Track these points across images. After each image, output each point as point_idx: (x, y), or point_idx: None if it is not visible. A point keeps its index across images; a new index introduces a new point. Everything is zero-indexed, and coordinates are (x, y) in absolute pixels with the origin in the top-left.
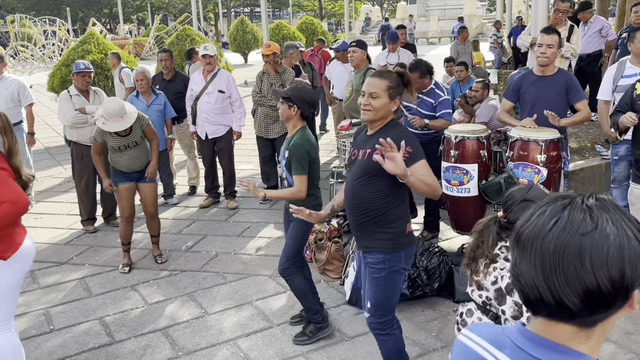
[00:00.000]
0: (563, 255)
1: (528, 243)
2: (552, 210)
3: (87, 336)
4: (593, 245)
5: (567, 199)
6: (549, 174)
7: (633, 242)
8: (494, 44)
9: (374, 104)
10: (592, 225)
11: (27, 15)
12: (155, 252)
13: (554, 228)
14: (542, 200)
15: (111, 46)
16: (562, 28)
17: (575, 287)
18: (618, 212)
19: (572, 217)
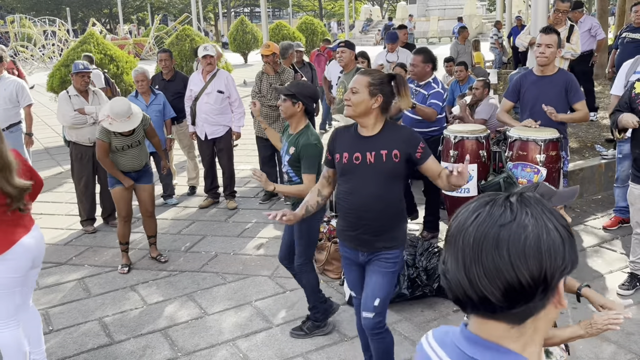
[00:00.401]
0: (482, 246)
1: (452, 238)
2: (475, 206)
3: (86, 337)
4: (511, 235)
5: (492, 197)
6: (548, 173)
7: (553, 234)
8: (494, 44)
9: (353, 99)
10: (510, 217)
11: (27, 16)
12: (154, 253)
13: (475, 221)
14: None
15: (111, 46)
16: (562, 28)
17: (494, 278)
18: (540, 206)
19: (492, 211)
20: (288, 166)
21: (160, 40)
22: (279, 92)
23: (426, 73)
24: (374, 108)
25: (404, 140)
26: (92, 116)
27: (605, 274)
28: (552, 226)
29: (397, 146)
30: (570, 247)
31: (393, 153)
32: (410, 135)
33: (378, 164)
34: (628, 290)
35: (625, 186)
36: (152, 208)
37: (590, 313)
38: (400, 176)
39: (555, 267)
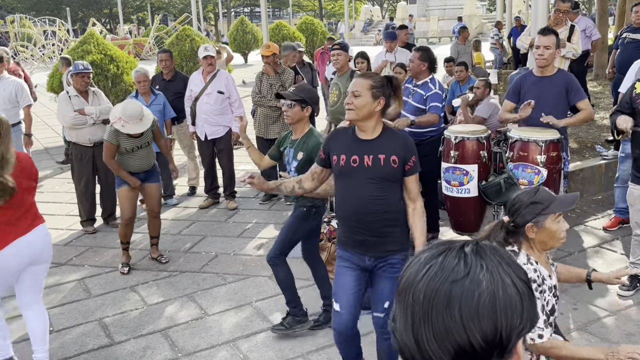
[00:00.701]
0: (432, 304)
1: (402, 293)
2: (428, 257)
3: (86, 337)
4: (463, 293)
5: (446, 245)
6: (549, 174)
7: (510, 290)
8: (495, 44)
9: (355, 103)
10: (464, 271)
11: (27, 16)
12: (155, 253)
13: (425, 275)
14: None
15: (111, 46)
16: (562, 28)
17: (443, 340)
18: (497, 257)
19: (445, 264)
20: (295, 172)
21: (160, 40)
22: (288, 98)
23: (421, 71)
24: (377, 111)
25: (402, 146)
26: (92, 117)
27: None
28: (509, 281)
29: (396, 152)
30: (529, 303)
31: (391, 158)
32: (409, 143)
33: (376, 168)
34: (628, 291)
35: (625, 186)
36: (158, 208)
37: (591, 314)
38: (397, 181)
39: (511, 327)
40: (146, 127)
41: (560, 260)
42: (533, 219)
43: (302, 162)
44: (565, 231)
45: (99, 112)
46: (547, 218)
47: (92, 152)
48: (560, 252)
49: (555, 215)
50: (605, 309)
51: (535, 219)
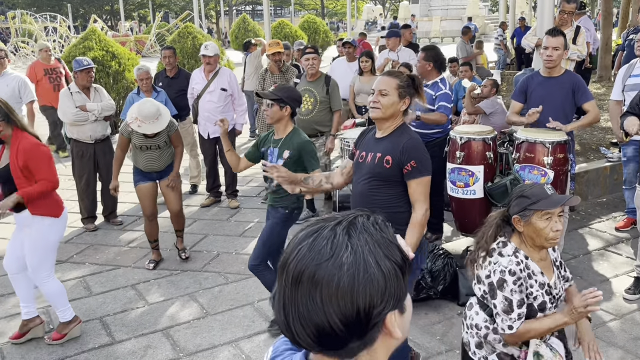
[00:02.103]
0: (298, 287)
1: (279, 271)
2: (302, 237)
3: (87, 336)
4: (325, 276)
5: (320, 224)
6: (555, 176)
7: (372, 270)
8: (499, 44)
9: (382, 102)
10: (329, 252)
11: (28, 12)
12: (179, 245)
13: (296, 256)
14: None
15: (112, 43)
16: (568, 29)
17: (307, 323)
18: (366, 236)
19: (314, 245)
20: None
21: (162, 37)
22: (265, 97)
23: (426, 71)
24: (402, 110)
25: (401, 148)
26: (94, 113)
27: (610, 278)
28: (372, 261)
29: (392, 153)
30: (395, 282)
31: (385, 158)
32: (410, 146)
33: (371, 165)
34: (634, 294)
35: (632, 188)
36: (177, 206)
37: (596, 318)
38: (390, 181)
39: (371, 306)
40: (163, 126)
41: (565, 263)
42: (520, 211)
43: (291, 161)
44: (556, 232)
45: (100, 109)
46: (534, 214)
47: (93, 149)
48: (565, 255)
49: (543, 213)
50: (611, 313)
51: (522, 212)
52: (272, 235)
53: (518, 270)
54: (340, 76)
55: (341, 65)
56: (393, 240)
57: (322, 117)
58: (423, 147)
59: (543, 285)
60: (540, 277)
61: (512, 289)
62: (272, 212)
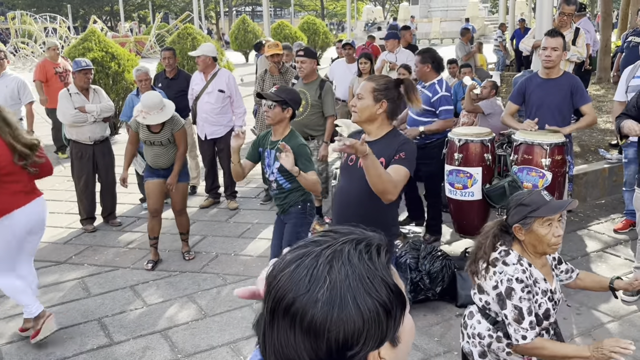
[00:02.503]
0: (274, 316)
1: (264, 295)
2: (287, 262)
3: (85, 337)
4: (299, 311)
5: (308, 248)
6: (553, 178)
7: (348, 310)
8: (498, 46)
9: (358, 105)
10: (306, 287)
11: (28, 12)
12: (184, 248)
13: (277, 284)
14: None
15: (112, 44)
16: (567, 31)
17: (279, 355)
18: (349, 268)
19: (294, 274)
20: (278, 173)
21: (162, 38)
22: (269, 98)
23: (425, 73)
24: (379, 114)
25: (393, 149)
26: (93, 114)
27: None
28: (350, 299)
29: (386, 154)
30: (376, 322)
31: (379, 160)
32: (405, 145)
33: (362, 168)
34: (632, 296)
35: (632, 190)
36: (180, 206)
37: (595, 319)
38: None
39: (345, 348)
40: (167, 116)
41: None
42: (520, 220)
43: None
44: (557, 237)
45: (99, 110)
46: (535, 221)
47: (92, 150)
48: (564, 257)
49: (543, 219)
50: (609, 314)
51: (522, 221)
52: (293, 237)
53: (525, 277)
54: (339, 77)
55: (340, 66)
56: (382, 274)
57: (312, 121)
58: (415, 150)
59: (546, 292)
60: (543, 284)
61: (521, 296)
62: (285, 217)
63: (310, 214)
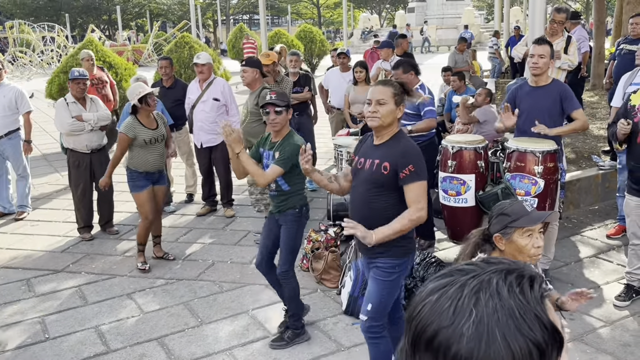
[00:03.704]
0: (416, 347)
1: (405, 324)
2: (429, 290)
3: (82, 345)
4: (442, 344)
5: (453, 277)
6: (545, 185)
7: (495, 347)
8: (494, 53)
9: (381, 111)
10: (450, 319)
11: (26, 22)
12: (159, 253)
13: (419, 314)
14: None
15: (110, 53)
16: (559, 39)
17: None
18: (497, 301)
19: (437, 305)
20: None
21: (159, 47)
22: (279, 106)
23: (411, 81)
24: (398, 117)
25: (398, 154)
26: (90, 123)
27: (601, 285)
28: (499, 336)
29: (390, 159)
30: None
31: (383, 165)
32: (406, 152)
33: (369, 172)
34: (624, 301)
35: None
36: (161, 208)
37: (587, 325)
38: (388, 188)
39: None
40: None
41: (557, 270)
42: (501, 230)
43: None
44: (537, 248)
45: (96, 119)
46: (515, 231)
47: (89, 158)
48: (557, 262)
49: (524, 230)
50: (602, 319)
51: (503, 231)
52: (291, 239)
53: None
54: (334, 86)
55: (335, 75)
56: (536, 309)
57: (252, 129)
58: (420, 153)
59: None
60: None
61: None
62: (281, 218)
63: (306, 217)
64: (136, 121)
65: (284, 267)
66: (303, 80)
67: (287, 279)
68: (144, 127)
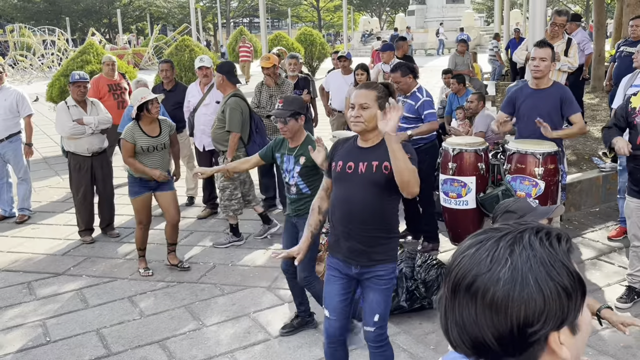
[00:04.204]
0: (456, 295)
1: (444, 279)
2: (466, 245)
3: (83, 348)
4: (481, 288)
5: (488, 234)
6: (546, 187)
7: (529, 289)
8: (494, 56)
9: (365, 115)
10: (487, 266)
11: (27, 25)
12: (174, 260)
13: (457, 266)
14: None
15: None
16: (559, 41)
17: (463, 333)
18: (530, 252)
19: (475, 256)
20: (298, 177)
21: (160, 50)
22: (280, 116)
23: (409, 84)
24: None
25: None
26: (91, 126)
27: (603, 287)
28: (532, 280)
29: (387, 159)
30: (557, 303)
31: (384, 165)
32: (405, 146)
33: (368, 174)
34: (626, 303)
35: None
36: (177, 216)
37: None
38: (389, 188)
39: (526, 325)
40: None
41: None
42: None
43: (305, 166)
44: None
45: (97, 122)
46: None
47: (90, 162)
48: None
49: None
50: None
51: None
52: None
53: None
54: (335, 88)
55: (336, 77)
56: (563, 259)
57: (217, 135)
58: (411, 148)
59: None
60: None
61: None
62: (299, 221)
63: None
64: (137, 127)
65: (304, 273)
66: (302, 83)
67: (309, 284)
68: (144, 133)
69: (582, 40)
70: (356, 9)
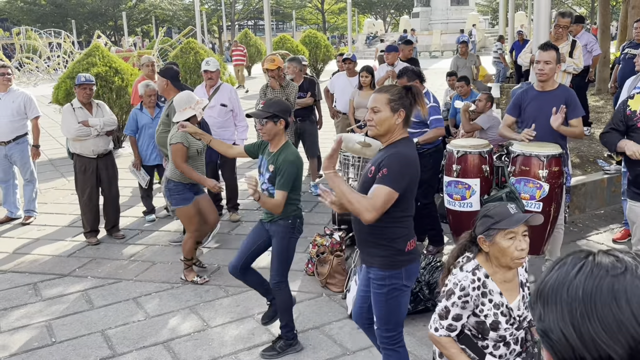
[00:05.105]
0: (595, 298)
1: (552, 293)
2: (574, 260)
3: (88, 349)
4: (627, 286)
5: (586, 252)
6: (550, 189)
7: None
8: (499, 58)
9: (376, 119)
10: (621, 267)
11: (33, 28)
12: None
13: (580, 273)
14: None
15: (115, 59)
16: (563, 43)
17: (616, 335)
18: None
19: (598, 261)
20: (268, 183)
21: (165, 52)
22: (257, 117)
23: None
24: (397, 124)
25: (385, 157)
26: (96, 128)
27: None
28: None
29: (376, 163)
30: None
31: (370, 169)
32: (391, 156)
33: (365, 178)
34: None
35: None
36: (216, 214)
37: None
38: None
39: None
40: (204, 104)
41: None
42: (484, 231)
43: (273, 175)
44: (520, 251)
45: (102, 124)
46: (498, 233)
47: (95, 163)
48: None
49: (506, 232)
50: None
51: (486, 232)
52: (282, 251)
53: (470, 287)
54: (340, 90)
55: (341, 79)
56: None
57: (162, 139)
58: (404, 163)
59: (499, 305)
60: (498, 298)
61: (455, 302)
62: (271, 227)
63: (299, 231)
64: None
65: (276, 279)
66: (306, 85)
67: (279, 290)
68: (193, 137)
69: (589, 42)
70: (361, 11)
